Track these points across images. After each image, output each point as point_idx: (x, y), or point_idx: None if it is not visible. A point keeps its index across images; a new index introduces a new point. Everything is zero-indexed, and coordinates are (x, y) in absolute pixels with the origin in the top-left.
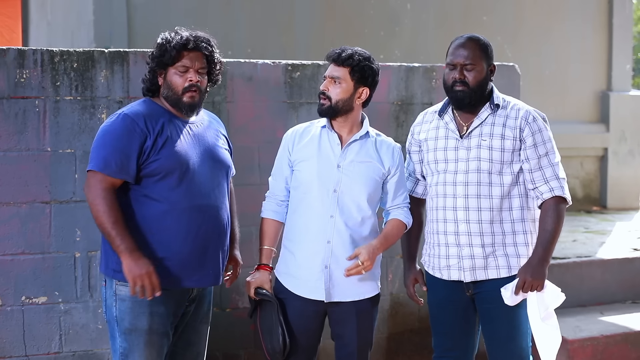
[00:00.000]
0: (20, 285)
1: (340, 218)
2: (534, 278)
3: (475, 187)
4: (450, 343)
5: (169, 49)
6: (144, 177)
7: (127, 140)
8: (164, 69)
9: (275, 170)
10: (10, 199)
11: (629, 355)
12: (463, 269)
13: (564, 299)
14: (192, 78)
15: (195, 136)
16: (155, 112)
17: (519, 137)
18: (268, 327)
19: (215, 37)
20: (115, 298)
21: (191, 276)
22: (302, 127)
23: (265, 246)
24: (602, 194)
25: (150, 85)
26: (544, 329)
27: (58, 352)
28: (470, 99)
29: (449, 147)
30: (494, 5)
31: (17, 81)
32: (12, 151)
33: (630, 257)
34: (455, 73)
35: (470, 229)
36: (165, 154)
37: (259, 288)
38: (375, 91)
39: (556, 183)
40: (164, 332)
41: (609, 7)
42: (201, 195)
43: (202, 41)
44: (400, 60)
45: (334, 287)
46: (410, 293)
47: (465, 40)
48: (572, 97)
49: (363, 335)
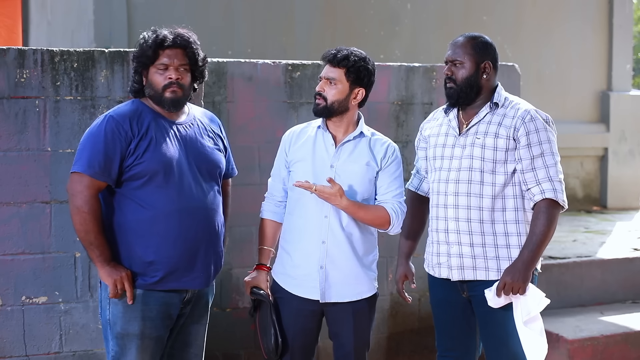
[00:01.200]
0: (21, 285)
1: (334, 218)
2: (514, 280)
3: (465, 185)
4: (450, 343)
5: (146, 48)
6: (128, 180)
7: (111, 142)
8: (146, 69)
9: (273, 171)
10: (10, 199)
11: (629, 355)
12: (450, 267)
13: (548, 303)
14: (172, 75)
15: (182, 137)
16: (142, 113)
17: (513, 137)
18: (264, 327)
19: (215, 37)
20: (108, 301)
21: (181, 278)
22: (299, 128)
23: (264, 246)
24: (602, 193)
25: (137, 86)
26: (528, 334)
27: (58, 352)
28: (459, 96)
29: (447, 144)
30: (494, 5)
31: (17, 81)
32: (12, 151)
33: (630, 257)
34: (446, 69)
35: (459, 227)
36: (148, 156)
37: (255, 287)
38: (375, 91)
39: (548, 185)
40: (157, 336)
41: (609, 7)
42: (189, 198)
43: (180, 38)
44: (401, 60)
45: (330, 287)
46: (399, 289)
47: (461, 38)
48: (572, 97)
49: (359, 336)
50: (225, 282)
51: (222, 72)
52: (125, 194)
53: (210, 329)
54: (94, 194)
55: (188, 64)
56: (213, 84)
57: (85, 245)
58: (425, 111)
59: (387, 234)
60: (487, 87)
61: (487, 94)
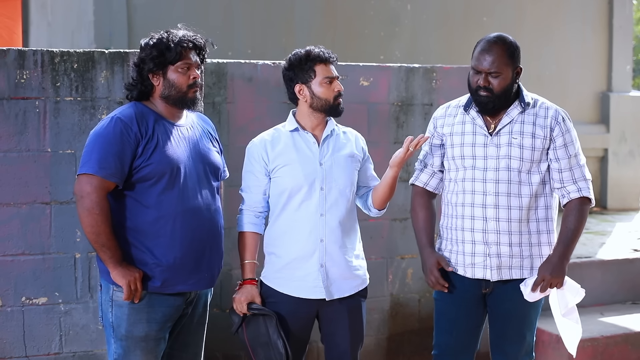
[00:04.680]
0: (21, 286)
1: (330, 215)
2: (552, 275)
3: (505, 185)
4: (453, 341)
5: (172, 48)
6: (136, 182)
7: (120, 144)
8: (162, 69)
9: (248, 183)
10: (10, 200)
11: (629, 356)
12: (490, 267)
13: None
14: (195, 75)
15: (185, 139)
16: (146, 115)
17: (550, 137)
18: (262, 341)
19: (215, 38)
20: (111, 303)
21: (187, 280)
22: (268, 136)
23: (248, 260)
24: (602, 194)
25: (144, 89)
26: (566, 323)
27: (58, 352)
28: (494, 104)
29: (477, 143)
30: (494, 6)
31: (17, 82)
32: (12, 152)
33: (630, 258)
34: (479, 79)
35: (500, 227)
36: (157, 158)
37: (251, 303)
38: (375, 92)
39: (584, 184)
40: (161, 337)
41: (609, 8)
42: (194, 199)
43: (196, 39)
44: (401, 61)
45: (332, 284)
46: (436, 277)
47: (491, 44)
48: (572, 98)
49: (355, 332)
50: (225, 283)
51: (222, 72)
52: (131, 195)
53: (210, 329)
54: (104, 195)
55: (200, 64)
56: (213, 85)
57: (96, 247)
58: (425, 112)
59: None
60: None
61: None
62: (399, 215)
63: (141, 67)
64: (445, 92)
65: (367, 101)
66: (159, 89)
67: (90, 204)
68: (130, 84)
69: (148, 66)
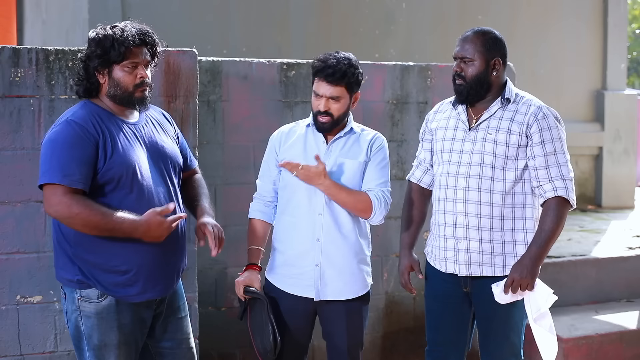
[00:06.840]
0: (15, 284)
1: (328, 215)
2: (522, 277)
3: (476, 180)
4: (441, 337)
5: (117, 46)
6: (98, 187)
7: (80, 147)
8: (107, 67)
9: (262, 172)
10: (5, 198)
11: (623, 354)
12: (458, 262)
13: (556, 300)
14: (143, 74)
15: (142, 137)
16: (98, 115)
17: (526, 133)
18: (259, 326)
19: (210, 36)
20: (79, 314)
21: (155, 287)
22: (287, 128)
23: (253, 246)
24: (597, 192)
25: (90, 86)
26: (540, 332)
27: (53, 351)
28: (468, 93)
29: (456, 138)
30: (489, 5)
31: (11, 80)
32: (7, 150)
33: (625, 256)
34: (455, 65)
35: (469, 222)
36: (116, 160)
37: (248, 286)
38: (371, 90)
39: (560, 183)
40: (134, 342)
41: (604, 6)
42: (151, 201)
43: (147, 35)
44: (396, 59)
45: (326, 285)
46: (405, 280)
47: (470, 33)
48: (567, 96)
49: (353, 335)
50: (220, 281)
51: (217, 71)
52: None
53: (205, 328)
54: (73, 196)
55: (150, 60)
56: (208, 83)
57: (111, 234)
58: (420, 110)
59: (381, 233)
60: (497, 83)
61: (496, 90)
62: (394, 214)
63: (87, 64)
64: (440, 90)
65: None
66: (105, 87)
67: (67, 211)
68: (77, 80)
69: (93, 63)
